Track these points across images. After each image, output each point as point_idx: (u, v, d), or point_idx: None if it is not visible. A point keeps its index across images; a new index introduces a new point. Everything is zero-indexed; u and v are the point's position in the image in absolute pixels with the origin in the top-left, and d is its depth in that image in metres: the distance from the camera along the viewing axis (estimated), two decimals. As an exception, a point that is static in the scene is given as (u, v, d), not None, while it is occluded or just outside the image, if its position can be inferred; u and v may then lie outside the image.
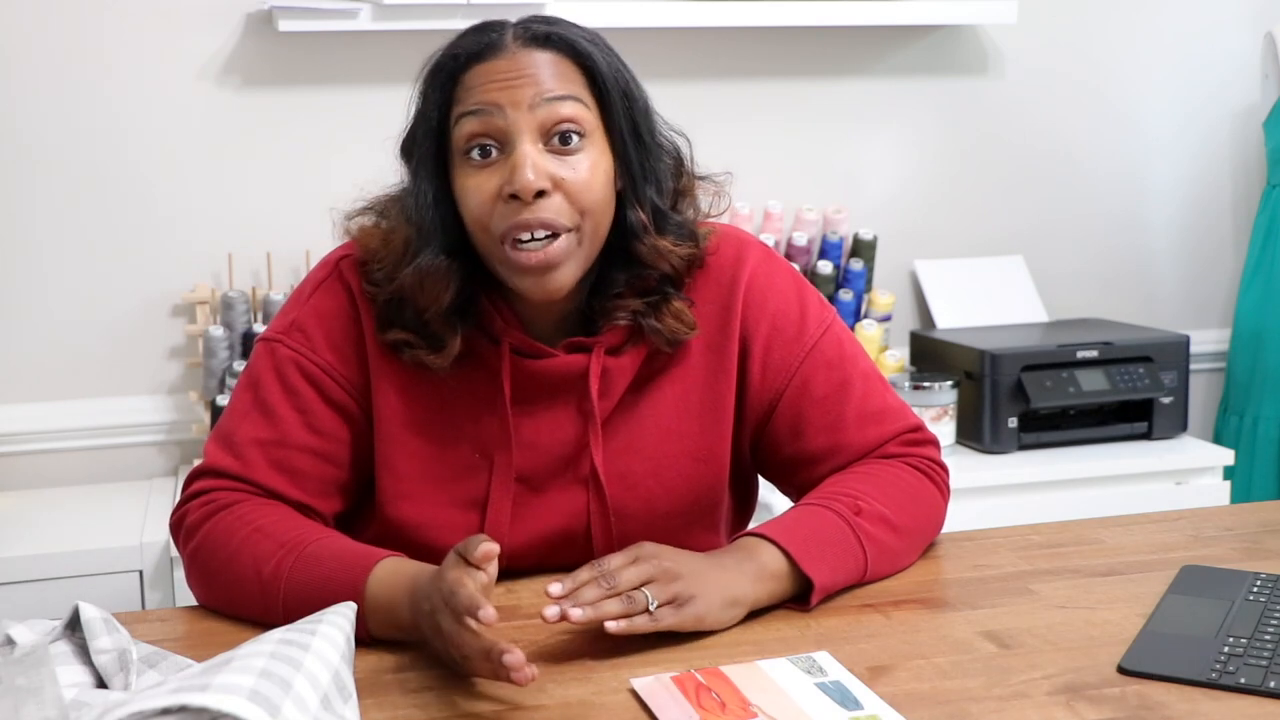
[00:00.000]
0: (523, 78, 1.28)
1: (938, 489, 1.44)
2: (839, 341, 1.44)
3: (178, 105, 2.44)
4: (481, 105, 1.28)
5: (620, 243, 1.35)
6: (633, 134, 1.34)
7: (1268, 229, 2.85)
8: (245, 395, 1.37)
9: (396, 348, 1.35)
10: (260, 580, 1.26)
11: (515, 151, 1.27)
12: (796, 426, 1.41)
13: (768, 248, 1.47)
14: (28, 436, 2.44)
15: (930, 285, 2.81)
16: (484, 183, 1.28)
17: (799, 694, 1.08)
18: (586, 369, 1.36)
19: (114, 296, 2.46)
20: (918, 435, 1.45)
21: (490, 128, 1.28)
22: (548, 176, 1.27)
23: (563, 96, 1.28)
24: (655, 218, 1.35)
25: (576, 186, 1.28)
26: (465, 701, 1.10)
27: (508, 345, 1.35)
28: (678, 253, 1.36)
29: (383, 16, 2.38)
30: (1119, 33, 2.90)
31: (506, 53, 1.29)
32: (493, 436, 1.36)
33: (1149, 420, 2.60)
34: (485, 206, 1.28)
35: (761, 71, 2.71)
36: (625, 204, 1.34)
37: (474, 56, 1.30)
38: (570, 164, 1.28)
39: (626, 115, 1.33)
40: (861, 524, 1.33)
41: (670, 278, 1.37)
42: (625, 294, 1.36)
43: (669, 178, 1.38)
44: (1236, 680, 1.10)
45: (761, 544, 1.29)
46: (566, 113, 1.28)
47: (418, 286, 1.31)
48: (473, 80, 1.29)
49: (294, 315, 1.38)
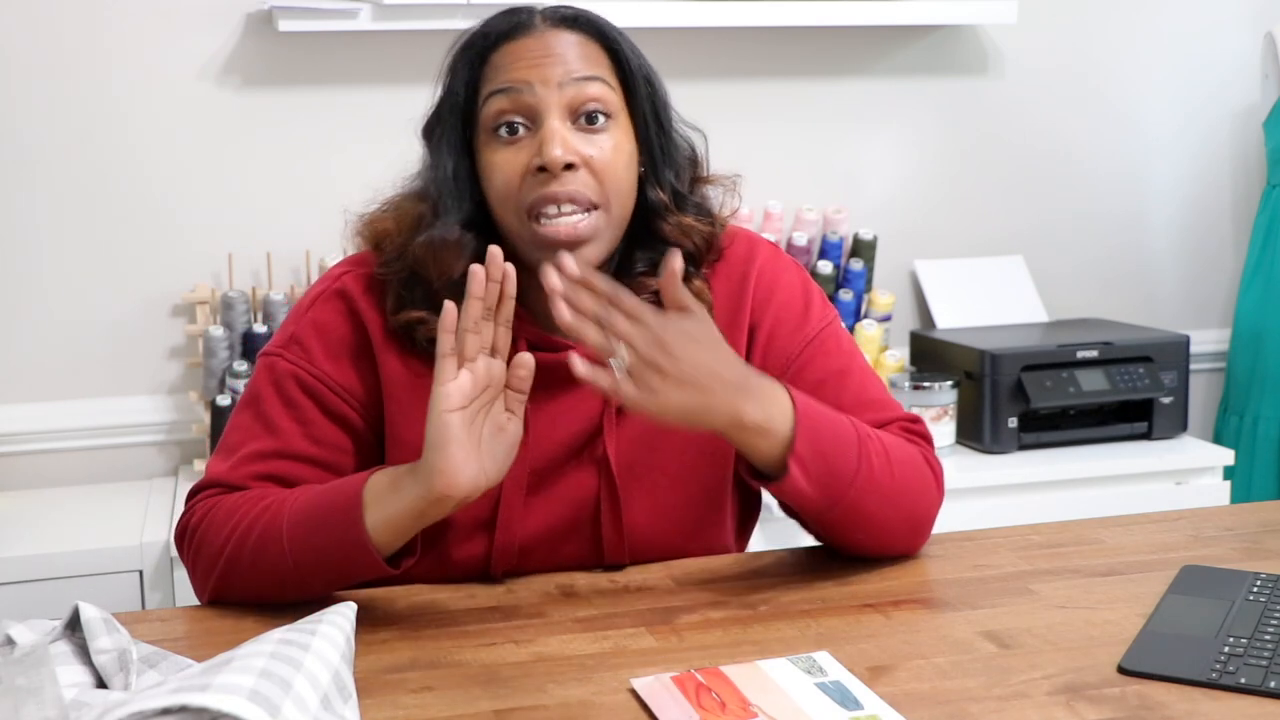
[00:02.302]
0: (551, 56, 1.31)
1: (934, 476, 1.40)
2: (839, 338, 1.45)
3: (178, 105, 2.44)
4: (511, 83, 1.31)
5: (641, 225, 1.38)
6: (654, 118, 1.38)
7: (1268, 229, 2.85)
8: (246, 411, 1.38)
9: (410, 328, 1.35)
10: (261, 529, 1.26)
11: (544, 126, 1.30)
12: None
13: (777, 246, 1.50)
14: (28, 436, 2.44)
15: (930, 285, 2.81)
16: (512, 158, 1.31)
17: (799, 694, 1.08)
18: None
19: (114, 296, 2.46)
20: (915, 428, 1.44)
21: (519, 105, 1.31)
22: (575, 152, 1.30)
23: (590, 77, 1.32)
24: (675, 199, 1.39)
25: (602, 164, 1.31)
26: (465, 701, 1.10)
27: (524, 340, 1.35)
28: (700, 229, 1.39)
29: (383, 16, 2.38)
30: (1119, 33, 2.90)
31: (535, 32, 1.33)
32: None
33: (1149, 420, 2.60)
34: (513, 181, 1.31)
35: (761, 71, 2.71)
36: (646, 185, 1.38)
37: (504, 35, 1.33)
38: (596, 143, 1.32)
39: (649, 99, 1.37)
40: (868, 446, 1.30)
41: (691, 256, 1.39)
42: (645, 275, 1.38)
43: (686, 167, 1.42)
44: (1236, 680, 1.10)
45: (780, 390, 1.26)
46: (593, 93, 1.32)
47: (430, 255, 1.33)
48: (502, 59, 1.33)
49: (293, 329, 1.39)
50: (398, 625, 1.26)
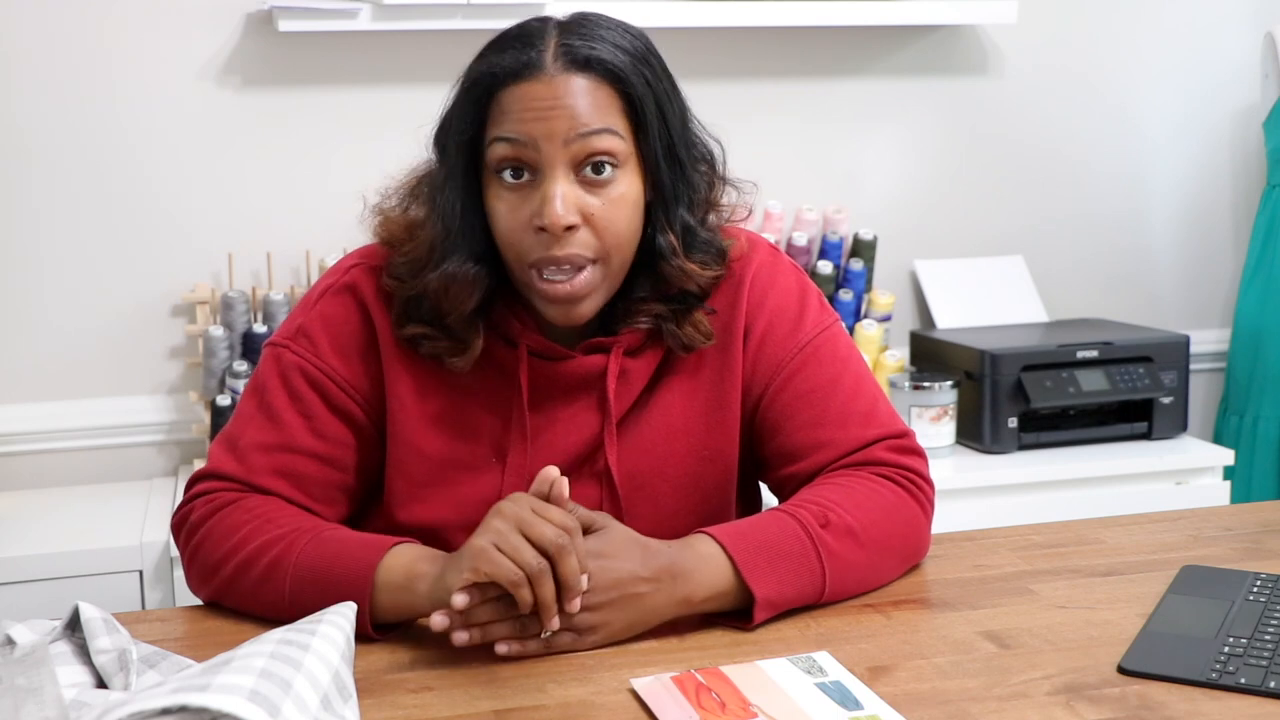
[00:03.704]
0: (558, 108, 1.26)
1: (919, 506, 1.38)
2: (834, 344, 1.42)
3: (178, 105, 2.44)
4: (516, 134, 1.27)
5: (647, 260, 1.35)
6: (668, 155, 1.33)
7: (1268, 229, 2.85)
8: (250, 400, 1.38)
9: (415, 342, 1.35)
10: (266, 564, 1.26)
11: (546, 184, 1.26)
12: (780, 421, 1.39)
13: (775, 248, 1.47)
14: (28, 436, 2.44)
15: (930, 285, 2.81)
16: (515, 206, 1.28)
17: (799, 694, 1.08)
18: (604, 370, 1.36)
19: (114, 296, 2.46)
20: (904, 443, 1.40)
21: (523, 155, 1.27)
22: (577, 210, 1.27)
23: (599, 130, 1.27)
24: (685, 236, 1.35)
25: (605, 221, 1.28)
26: (465, 701, 1.10)
27: (525, 347, 1.35)
28: (704, 275, 1.36)
29: (383, 16, 2.38)
30: (1119, 32, 2.90)
31: (545, 75, 1.26)
32: (507, 438, 1.36)
33: (1149, 420, 2.60)
34: (516, 233, 1.29)
35: (762, 71, 2.71)
36: (654, 224, 1.34)
37: (512, 75, 1.27)
38: (601, 195, 1.28)
39: (662, 137, 1.32)
40: (825, 538, 1.27)
41: (694, 294, 1.37)
42: (649, 298, 1.36)
43: (703, 187, 1.38)
44: (1236, 680, 1.10)
45: (708, 546, 1.24)
46: (601, 146, 1.27)
47: (443, 291, 1.32)
48: (509, 102, 1.27)
49: (300, 321, 1.38)
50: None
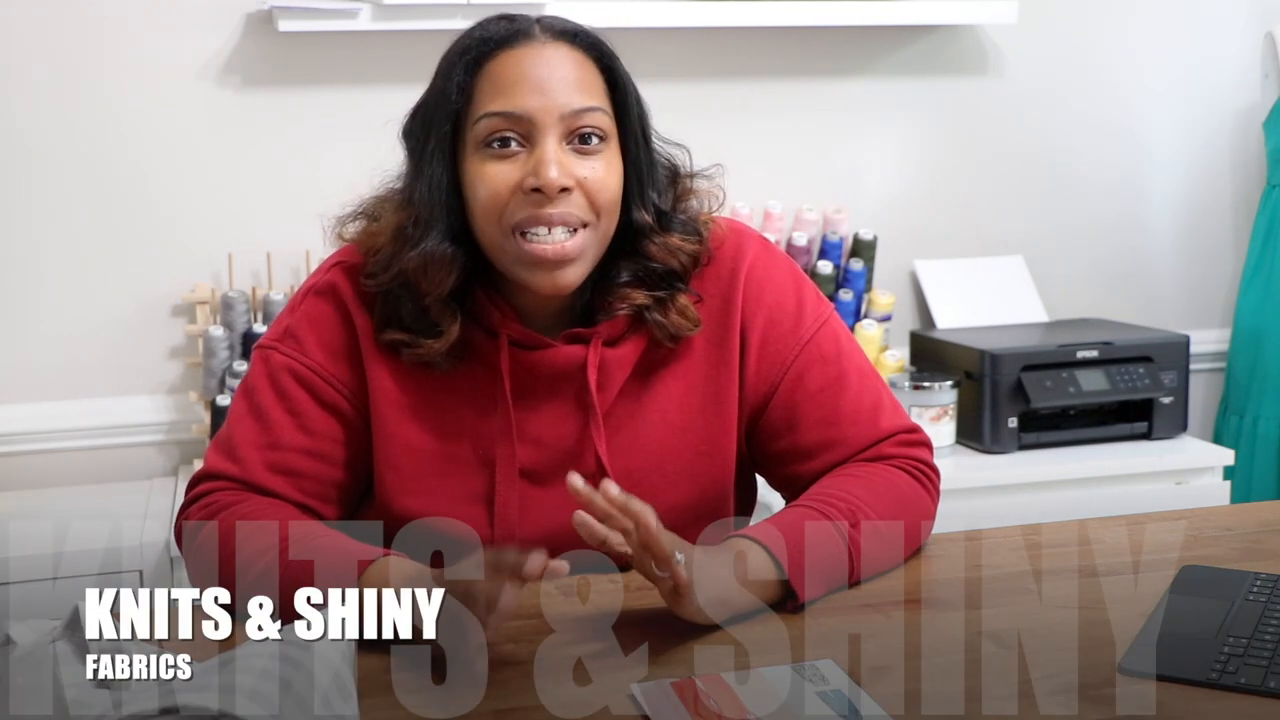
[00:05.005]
0: (552, 79, 1.30)
1: (928, 494, 1.43)
2: (835, 336, 1.44)
3: (178, 105, 2.44)
4: (510, 109, 1.30)
5: (624, 243, 1.37)
6: (642, 139, 1.38)
7: (1268, 229, 2.85)
8: (241, 403, 1.39)
9: (395, 349, 1.36)
10: (259, 575, 1.25)
11: (540, 148, 1.30)
12: (791, 420, 1.42)
13: (766, 241, 1.48)
14: (28, 436, 2.44)
15: (930, 285, 2.81)
16: (501, 172, 1.30)
17: (798, 702, 1.08)
18: (584, 361, 1.36)
19: (114, 296, 2.46)
20: (912, 436, 1.44)
21: (516, 125, 1.30)
22: (571, 175, 1.30)
23: (590, 108, 1.32)
24: (660, 217, 1.39)
25: (596, 185, 1.31)
26: (465, 701, 1.10)
27: (506, 337, 1.36)
28: (686, 248, 1.38)
29: (383, 16, 2.38)
30: (1119, 32, 2.89)
31: (535, 42, 1.32)
32: (494, 432, 1.37)
33: (1149, 420, 2.60)
34: (500, 197, 1.30)
35: (761, 71, 2.71)
36: (631, 205, 1.37)
37: (502, 42, 1.32)
38: (591, 164, 1.32)
39: (639, 120, 1.37)
40: (857, 538, 1.31)
41: (677, 273, 1.39)
42: (629, 286, 1.37)
43: (668, 186, 1.41)
44: (1236, 680, 1.10)
45: (754, 549, 1.27)
46: (592, 121, 1.32)
47: (421, 270, 1.32)
48: (500, 69, 1.31)
49: (287, 322, 1.40)
50: (398, 625, 1.26)
